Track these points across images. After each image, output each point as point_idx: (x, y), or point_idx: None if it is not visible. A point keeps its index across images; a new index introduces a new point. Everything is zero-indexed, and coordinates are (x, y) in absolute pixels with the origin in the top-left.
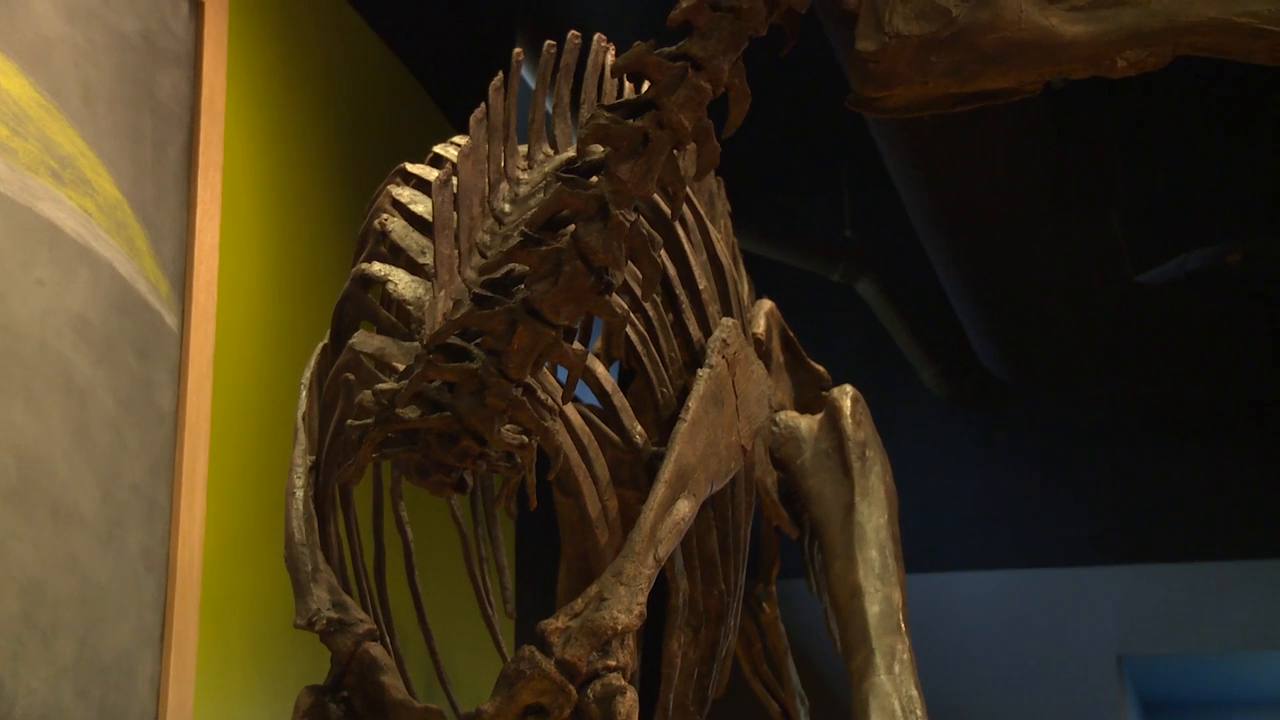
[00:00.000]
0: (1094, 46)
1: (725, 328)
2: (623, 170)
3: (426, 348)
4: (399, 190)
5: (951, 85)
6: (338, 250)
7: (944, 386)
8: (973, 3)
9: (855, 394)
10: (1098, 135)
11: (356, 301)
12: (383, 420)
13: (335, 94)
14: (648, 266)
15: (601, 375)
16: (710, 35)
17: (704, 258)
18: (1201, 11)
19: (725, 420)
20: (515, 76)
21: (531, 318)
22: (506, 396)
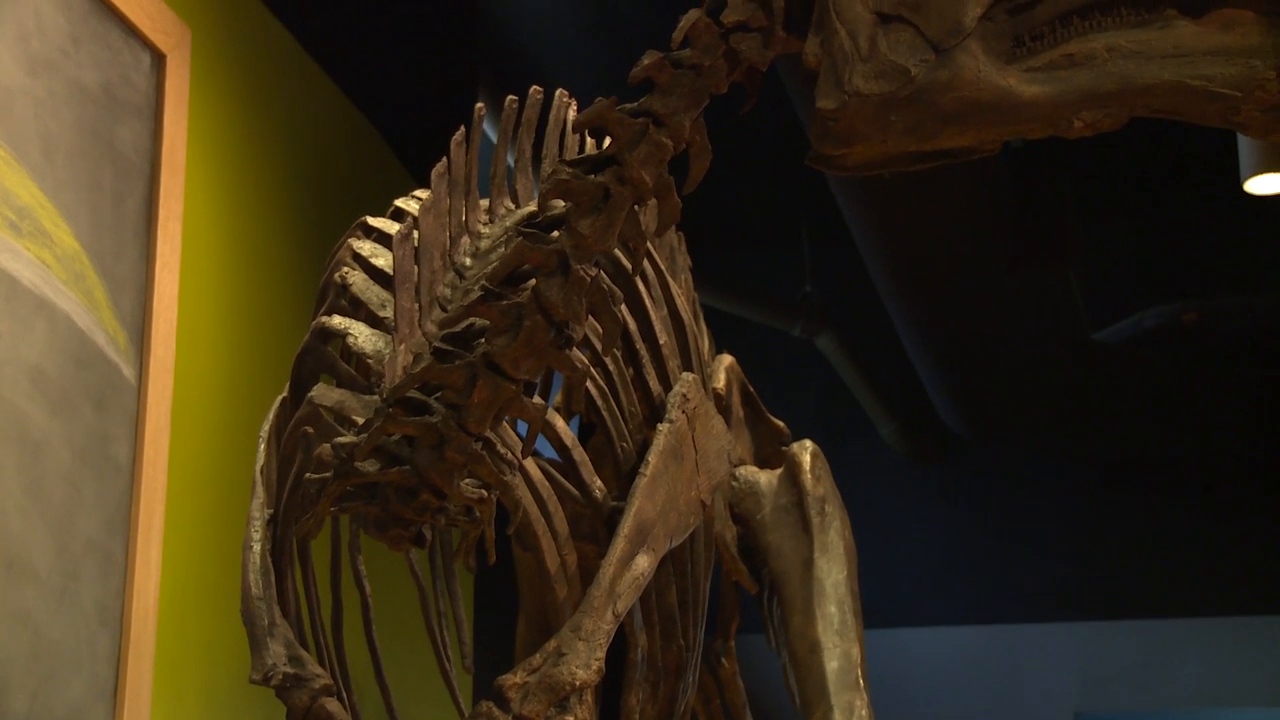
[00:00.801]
0: (1050, 107)
1: (685, 383)
2: (584, 225)
3: (386, 401)
4: (360, 243)
5: (910, 144)
6: (297, 303)
7: (903, 442)
8: (931, 63)
9: (815, 449)
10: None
11: (316, 354)
12: (341, 474)
13: (297, 147)
14: (608, 321)
15: (561, 430)
16: (671, 92)
17: (664, 313)
18: (1156, 74)
19: (685, 475)
20: (477, 130)
21: (491, 372)
22: (466, 451)
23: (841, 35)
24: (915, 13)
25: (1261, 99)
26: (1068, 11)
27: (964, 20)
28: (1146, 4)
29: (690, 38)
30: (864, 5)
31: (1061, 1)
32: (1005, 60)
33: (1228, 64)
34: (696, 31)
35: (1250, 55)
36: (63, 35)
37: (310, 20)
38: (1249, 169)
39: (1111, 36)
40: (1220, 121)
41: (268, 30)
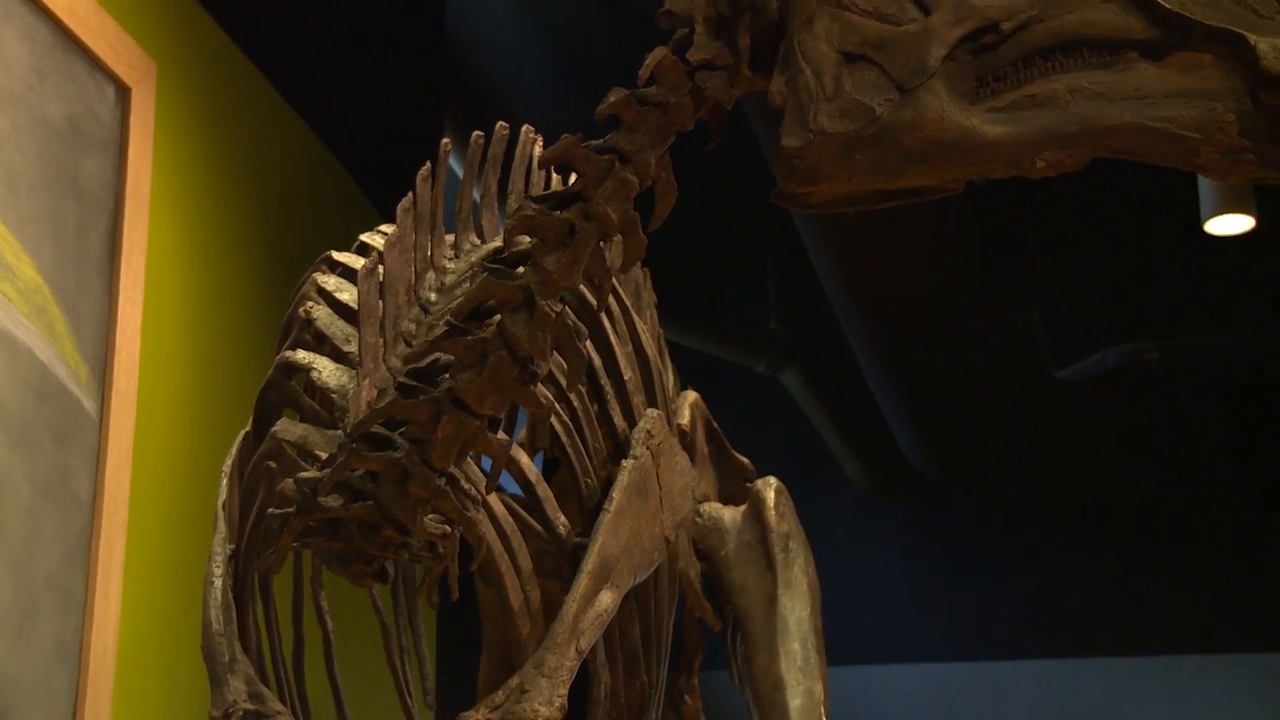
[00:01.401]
0: (1013, 147)
1: (650, 419)
2: (549, 261)
3: (350, 436)
4: (325, 278)
5: (875, 182)
6: (261, 337)
7: (867, 479)
8: (896, 102)
9: (779, 486)
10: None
11: (280, 389)
12: (304, 509)
13: (262, 181)
14: (573, 357)
15: (525, 465)
16: (637, 129)
17: (629, 349)
18: (1117, 115)
19: (649, 511)
20: (443, 166)
21: (456, 407)
22: (430, 486)
23: (807, 74)
24: (880, 52)
25: (1221, 141)
26: (1030, 52)
27: (928, 60)
28: (1108, 46)
29: (656, 75)
30: (829, 44)
31: (1024, 43)
32: (969, 100)
33: (1188, 106)
34: (662, 69)
35: (1210, 98)
36: (27, 68)
37: (276, 54)
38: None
39: (1074, 78)
40: (1181, 163)
41: (234, 64)
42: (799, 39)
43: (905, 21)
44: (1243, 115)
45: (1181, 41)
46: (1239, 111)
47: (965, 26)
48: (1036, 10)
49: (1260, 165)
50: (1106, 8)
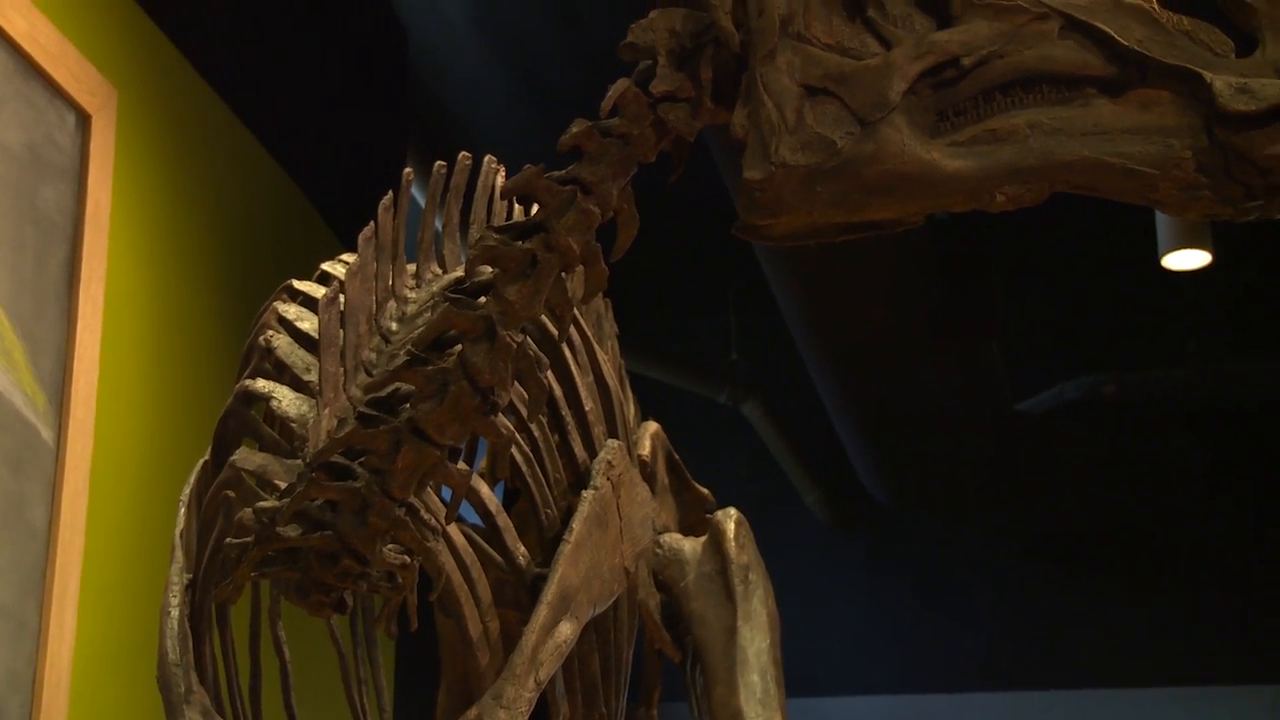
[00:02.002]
0: (973, 181)
1: (610, 449)
2: (510, 292)
3: (309, 466)
4: (285, 307)
5: (836, 215)
6: (220, 366)
7: (827, 510)
8: (857, 135)
9: (739, 517)
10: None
11: (239, 418)
12: (262, 538)
13: (223, 209)
14: (534, 388)
15: (486, 495)
16: (599, 160)
17: (590, 379)
18: (1076, 150)
19: (609, 542)
20: (405, 195)
21: (416, 437)
22: (389, 516)
23: (768, 107)
24: (841, 86)
25: (1178, 177)
26: (990, 88)
27: (889, 94)
28: (1067, 82)
29: (619, 107)
30: (791, 78)
31: (984, 78)
32: (929, 134)
33: (1146, 142)
34: (625, 101)
35: (1167, 134)
36: None
37: (239, 82)
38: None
39: (1033, 113)
40: (1138, 199)
41: (196, 92)
42: (761, 72)
43: (866, 56)
44: (1199, 152)
45: (1139, 78)
46: (1196, 148)
47: (926, 61)
48: (996, 46)
49: (1216, 201)
50: (1065, 44)
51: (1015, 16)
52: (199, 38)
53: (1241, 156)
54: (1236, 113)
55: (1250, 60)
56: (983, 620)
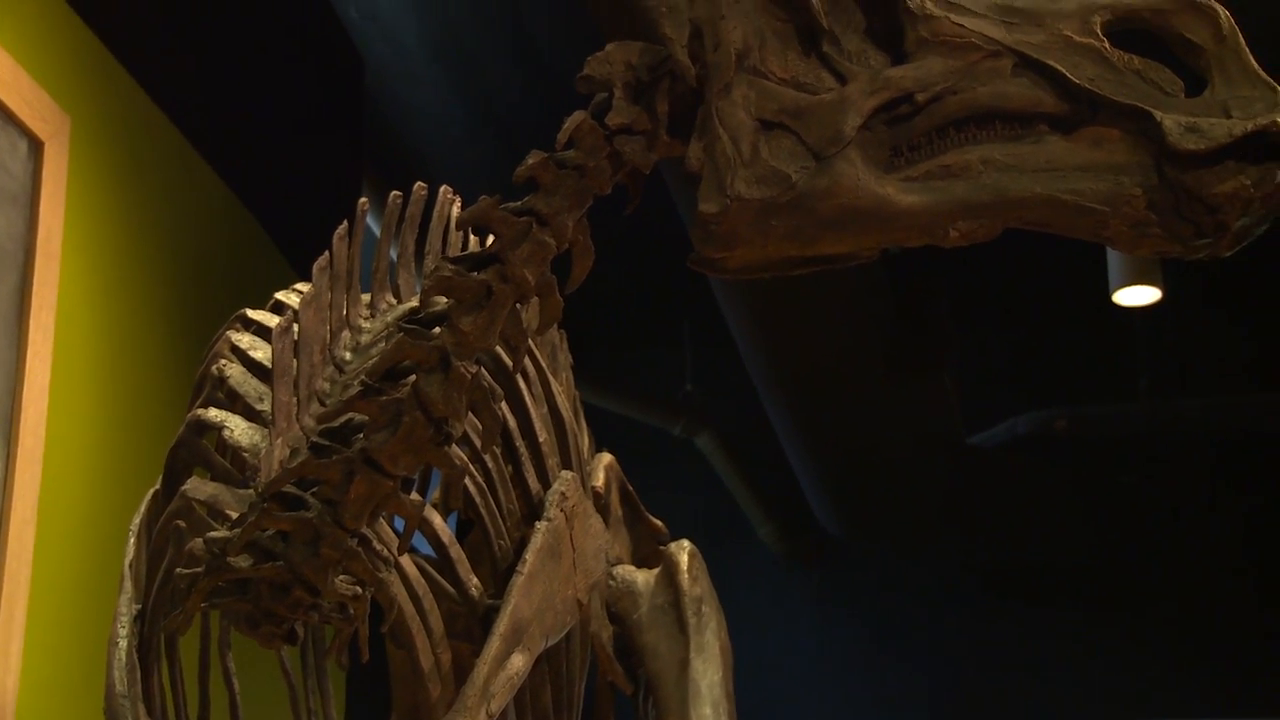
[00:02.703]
0: (927, 216)
1: (564, 481)
2: (465, 323)
3: (261, 496)
4: (238, 336)
5: (791, 249)
6: (172, 395)
7: (781, 543)
8: (812, 170)
9: (692, 549)
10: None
11: (190, 447)
12: (213, 569)
13: (177, 238)
14: (488, 419)
15: (438, 526)
16: (555, 192)
17: (545, 410)
18: (1029, 187)
19: (562, 574)
20: (360, 225)
21: (369, 468)
22: (341, 547)
23: (724, 140)
24: (796, 120)
25: (1129, 215)
26: (944, 123)
27: (844, 129)
28: (1020, 119)
29: (575, 139)
30: (746, 112)
31: (938, 114)
32: (884, 169)
33: (1097, 180)
34: (581, 133)
35: (1118, 172)
36: None
37: (194, 110)
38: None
39: (986, 149)
40: (1090, 235)
41: (150, 119)
42: (717, 106)
43: (822, 90)
44: (1150, 190)
45: (1091, 116)
46: (1146, 186)
47: (880, 97)
48: (950, 82)
49: (1166, 239)
50: (1018, 81)
51: (969, 53)
52: (154, 65)
53: (1191, 195)
54: (1186, 151)
55: (1199, 100)
56: (935, 652)
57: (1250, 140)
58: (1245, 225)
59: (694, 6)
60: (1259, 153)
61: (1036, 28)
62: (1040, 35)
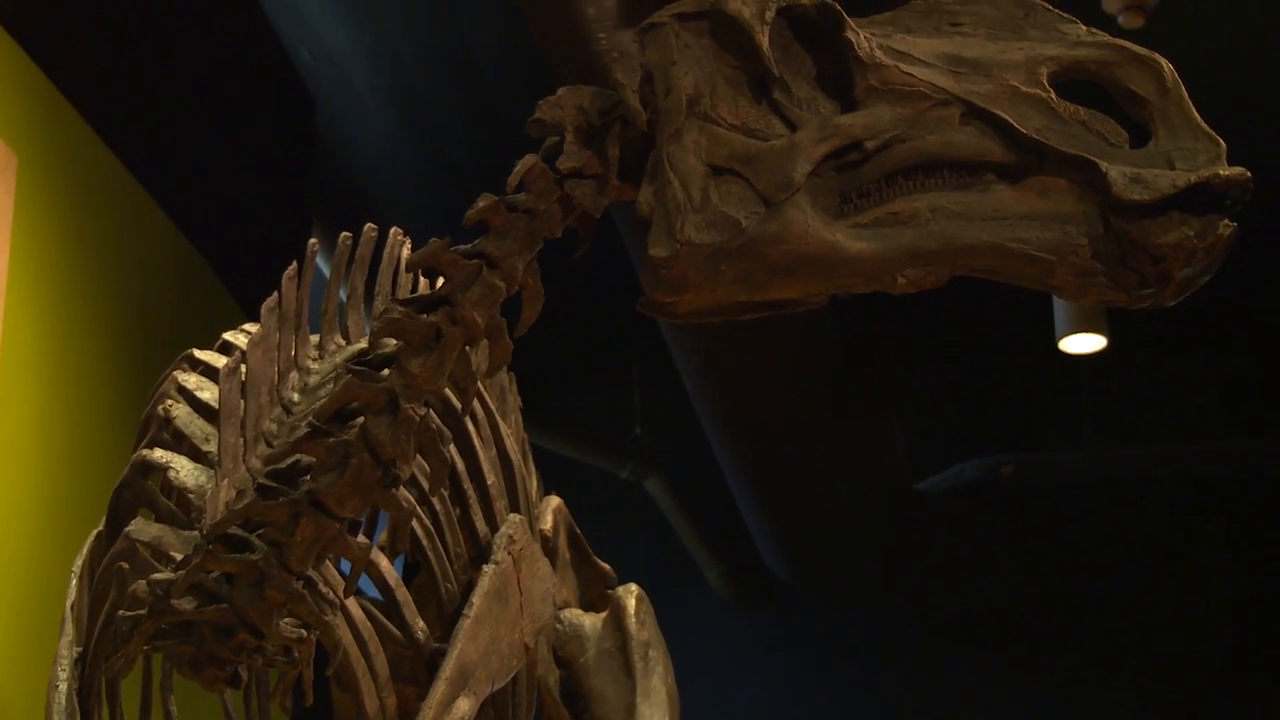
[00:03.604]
0: (875, 263)
1: (512, 524)
2: (414, 365)
3: (206, 537)
4: (185, 376)
5: (740, 294)
6: (118, 435)
7: (728, 587)
8: (762, 215)
9: (640, 593)
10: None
11: (135, 488)
12: (156, 611)
13: (124, 277)
14: (436, 461)
15: (385, 569)
16: (506, 235)
17: (493, 453)
18: (976, 235)
19: (509, 617)
20: (309, 266)
21: (316, 510)
22: (286, 589)
23: (674, 185)
24: (746, 166)
25: (1074, 264)
26: (893, 171)
27: (793, 175)
28: (968, 167)
29: (526, 182)
30: (697, 157)
31: (887, 161)
32: (833, 216)
33: (1043, 229)
34: (532, 176)
35: (1064, 221)
36: None
37: (142, 149)
38: (1063, 329)
39: (935, 197)
40: (1036, 284)
41: (98, 157)
42: (668, 151)
43: (772, 137)
44: (1095, 239)
45: (1038, 166)
46: (1091, 235)
47: (830, 144)
48: (899, 130)
49: (1111, 288)
50: (966, 130)
51: (917, 102)
52: (102, 103)
53: (1135, 245)
54: (1131, 202)
55: (1144, 151)
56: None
57: (1193, 192)
58: (1189, 275)
59: (646, 52)
60: (1202, 204)
61: (984, 78)
62: (988, 85)
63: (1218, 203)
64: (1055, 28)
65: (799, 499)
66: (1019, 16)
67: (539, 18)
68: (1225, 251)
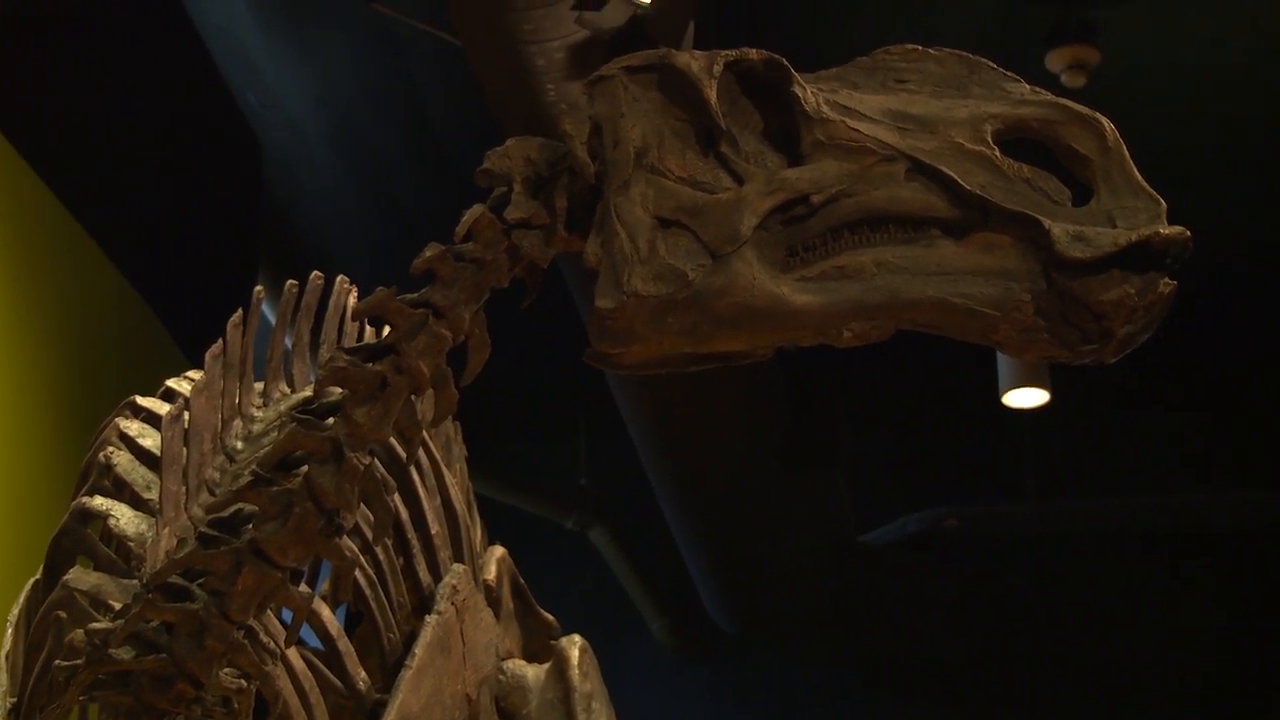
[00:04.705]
0: (820, 316)
1: (456, 574)
2: (359, 413)
3: (146, 586)
4: (127, 423)
5: (686, 345)
6: (57, 483)
7: (672, 638)
8: (708, 268)
9: (584, 644)
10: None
11: (74, 536)
12: (93, 660)
13: (65, 322)
14: (380, 510)
15: (327, 619)
16: (452, 284)
17: (438, 502)
18: (920, 290)
19: (451, 668)
20: (255, 313)
21: (258, 559)
22: (226, 639)
23: (622, 237)
24: (693, 219)
25: (1017, 320)
26: (839, 225)
27: (740, 228)
28: (913, 223)
29: (473, 232)
30: (644, 209)
31: (833, 215)
32: (779, 269)
33: (987, 284)
34: (480, 226)
35: (1008, 277)
36: None
37: (87, 193)
38: (1007, 383)
39: (880, 251)
40: (979, 339)
41: (41, 203)
42: (615, 202)
43: (719, 190)
44: (1038, 295)
45: (982, 222)
46: (1034, 291)
47: (777, 197)
48: (845, 185)
49: (1053, 344)
50: (911, 186)
51: (863, 157)
52: (46, 146)
53: (1077, 301)
54: (1073, 259)
55: (1086, 209)
56: None
57: (1135, 250)
58: (1130, 332)
59: (594, 104)
60: (1143, 262)
61: (930, 134)
62: (933, 141)
63: (1158, 261)
64: (999, 86)
65: (743, 551)
66: (964, 74)
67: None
68: (1165, 309)
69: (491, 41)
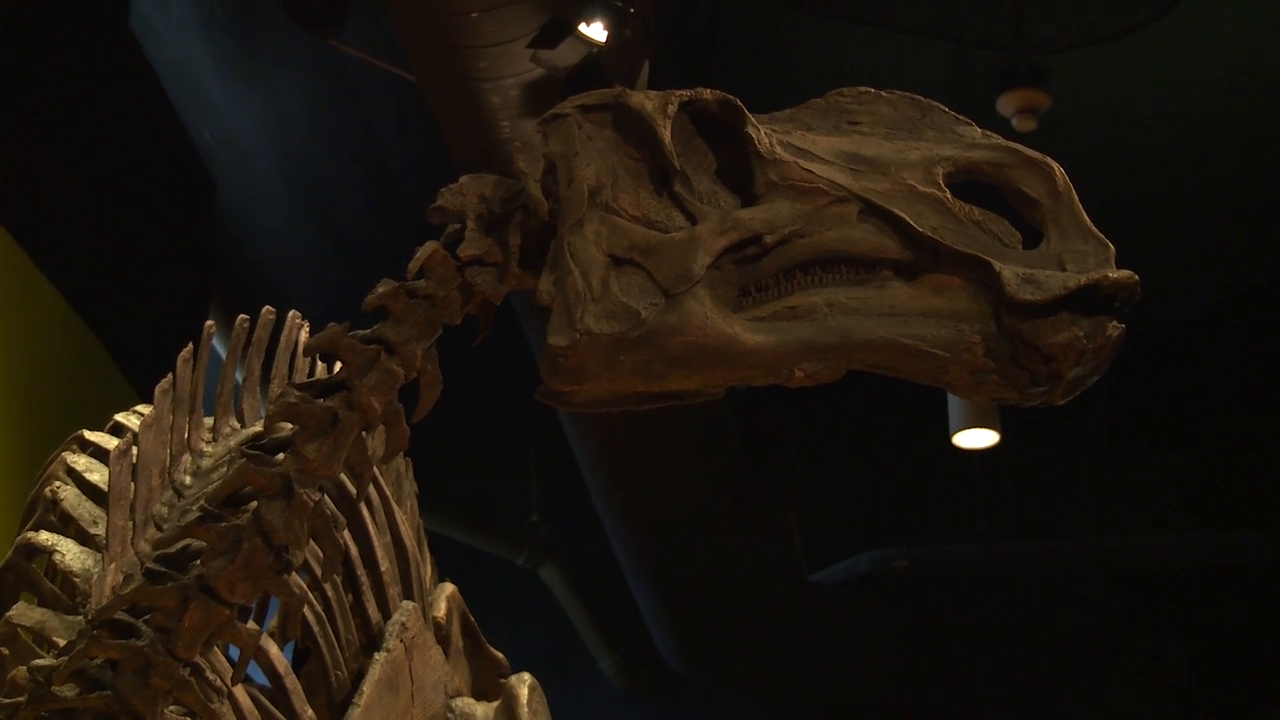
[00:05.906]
0: (772, 356)
1: (405, 611)
2: (309, 450)
3: (91, 623)
4: (74, 457)
5: (639, 384)
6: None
7: (622, 676)
8: (661, 306)
9: (533, 682)
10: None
11: (18, 571)
12: (36, 698)
13: (12, 355)
14: (329, 547)
15: (274, 656)
16: (405, 321)
17: (388, 539)
18: (872, 330)
19: (400, 706)
20: (205, 348)
21: (205, 595)
22: (172, 676)
23: (575, 275)
24: (647, 258)
25: (968, 361)
26: (792, 265)
27: (693, 268)
28: (865, 264)
29: (426, 268)
30: (598, 247)
31: (786, 256)
32: (732, 308)
33: (938, 326)
34: (433, 263)
35: (958, 319)
36: None
37: (36, 225)
38: (957, 424)
39: (832, 292)
40: (930, 380)
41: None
42: (569, 240)
43: (672, 229)
44: (988, 337)
45: (933, 264)
46: (985, 333)
47: (730, 237)
48: (798, 226)
49: (1003, 386)
50: (864, 227)
51: (816, 198)
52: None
53: (1027, 343)
54: (1023, 301)
55: (1036, 252)
56: None
57: (1084, 293)
58: (1079, 374)
59: (549, 142)
60: (1092, 305)
61: (882, 176)
62: (885, 183)
63: (1107, 305)
64: (951, 129)
65: (693, 589)
66: (916, 117)
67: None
68: (1114, 352)
69: (446, 79)
